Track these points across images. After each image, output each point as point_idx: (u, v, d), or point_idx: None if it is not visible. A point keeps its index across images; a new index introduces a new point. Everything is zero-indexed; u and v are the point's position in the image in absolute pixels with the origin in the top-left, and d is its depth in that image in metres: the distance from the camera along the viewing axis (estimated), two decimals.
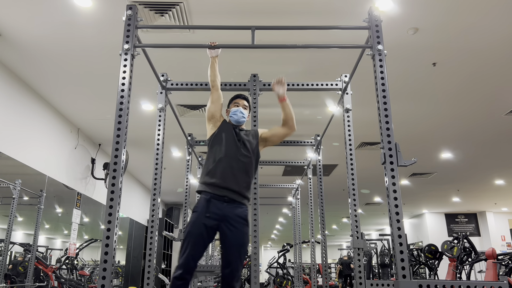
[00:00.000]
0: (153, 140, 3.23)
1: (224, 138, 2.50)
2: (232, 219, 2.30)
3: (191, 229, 2.28)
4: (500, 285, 1.78)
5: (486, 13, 3.47)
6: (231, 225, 2.29)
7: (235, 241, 2.27)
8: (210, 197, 2.33)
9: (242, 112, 2.64)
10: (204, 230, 2.27)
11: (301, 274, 7.25)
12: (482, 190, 10.43)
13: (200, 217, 2.29)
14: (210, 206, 2.31)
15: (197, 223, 2.28)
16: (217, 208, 2.31)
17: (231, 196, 2.34)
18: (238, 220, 2.31)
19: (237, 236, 2.28)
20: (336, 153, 6.84)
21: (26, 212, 5.11)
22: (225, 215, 2.29)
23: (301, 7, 3.38)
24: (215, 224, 2.29)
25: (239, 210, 2.34)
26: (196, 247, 2.25)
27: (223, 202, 2.32)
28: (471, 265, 6.67)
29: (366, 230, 19.18)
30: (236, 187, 2.36)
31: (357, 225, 2.90)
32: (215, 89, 2.63)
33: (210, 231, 2.29)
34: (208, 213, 2.29)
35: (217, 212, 2.30)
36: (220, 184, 2.35)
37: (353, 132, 3.13)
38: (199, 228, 2.27)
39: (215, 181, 2.37)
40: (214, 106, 2.62)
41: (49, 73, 4.41)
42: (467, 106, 5.27)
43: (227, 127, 2.57)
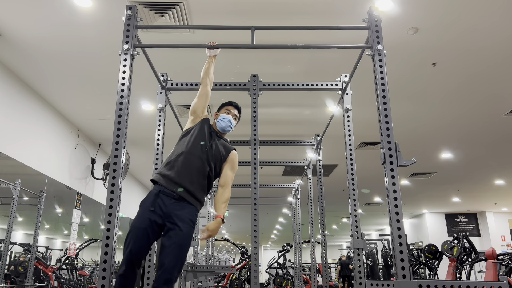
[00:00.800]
0: (153, 140, 3.23)
1: (195, 134, 2.44)
2: (178, 217, 2.17)
3: (135, 223, 2.18)
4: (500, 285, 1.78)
5: (486, 13, 3.47)
6: (175, 224, 2.15)
7: (175, 241, 2.11)
8: (159, 191, 2.24)
9: (231, 121, 2.58)
10: (149, 224, 2.16)
11: (301, 274, 7.25)
12: (482, 190, 10.44)
13: (145, 212, 2.20)
14: (157, 201, 2.21)
15: (142, 217, 2.18)
16: (164, 204, 2.20)
17: (183, 194, 2.24)
18: (184, 219, 2.18)
19: (178, 236, 2.13)
20: (336, 153, 6.84)
21: (26, 212, 5.11)
22: (170, 212, 2.18)
23: (301, 7, 3.38)
24: (160, 220, 2.17)
25: (186, 210, 2.23)
26: (139, 242, 2.13)
27: (172, 199, 2.22)
28: (471, 265, 6.67)
29: (366, 230, 19.18)
30: (190, 186, 2.27)
31: (357, 225, 2.90)
32: (203, 85, 2.59)
33: (155, 227, 2.17)
34: (153, 207, 2.19)
35: (162, 208, 2.19)
36: (174, 178, 2.27)
37: (353, 132, 3.13)
38: (143, 223, 2.16)
39: (170, 174, 2.29)
40: (198, 102, 2.58)
41: (49, 73, 4.41)
42: (467, 106, 5.27)
43: (204, 127, 2.50)
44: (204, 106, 2.60)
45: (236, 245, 10.28)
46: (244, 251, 9.40)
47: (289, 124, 5.94)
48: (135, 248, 2.12)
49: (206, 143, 2.42)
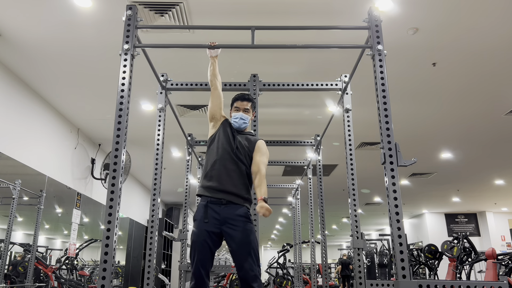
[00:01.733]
0: (153, 140, 3.23)
1: (220, 140, 2.47)
2: (232, 219, 2.26)
3: (194, 238, 2.27)
4: (500, 285, 1.78)
5: (486, 13, 3.47)
6: (233, 225, 2.25)
7: (240, 240, 2.22)
8: (207, 202, 2.31)
9: (243, 117, 2.55)
10: (207, 236, 2.24)
11: (301, 274, 7.25)
12: (482, 190, 10.44)
13: (200, 224, 2.28)
14: (208, 211, 2.29)
15: (199, 231, 2.27)
16: (215, 212, 2.28)
17: (229, 198, 2.30)
18: (238, 219, 2.27)
19: (241, 235, 2.23)
20: (336, 153, 6.84)
21: (26, 212, 5.10)
22: (224, 217, 2.26)
23: (301, 7, 3.38)
24: (217, 228, 2.26)
25: (238, 210, 2.30)
26: (202, 254, 2.23)
27: (220, 205, 2.29)
28: (471, 265, 6.67)
29: (366, 230, 19.18)
30: (234, 189, 2.33)
31: (357, 225, 2.90)
32: (214, 88, 2.60)
33: (214, 236, 2.25)
34: (207, 218, 2.27)
35: (215, 216, 2.27)
36: (217, 187, 2.33)
37: (353, 132, 3.13)
38: (201, 236, 2.25)
39: (211, 184, 2.35)
40: (213, 106, 2.60)
41: (49, 73, 4.41)
42: (467, 106, 5.28)
43: (226, 128, 2.53)
44: (220, 107, 2.61)
45: None
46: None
47: (289, 124, 5.94)
48: (199, 260, 2.23)
49: (232, 144, 2.45)
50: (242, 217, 2.29)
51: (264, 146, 2.54)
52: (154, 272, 2.96)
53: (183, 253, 4.50)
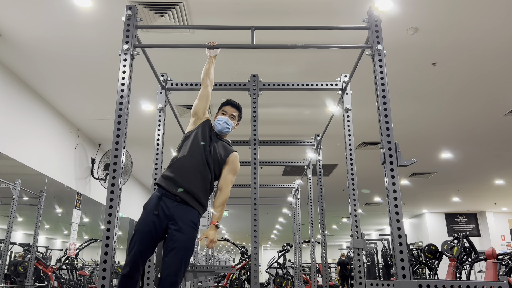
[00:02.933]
0: (153, 140, 3.23)
1: (196, 138, 2.44)
2: (181, 220, 2.19)
3: (139, 227, 2.20)
4: (500, 285, 1.78)
5: (486, 13, 3.47)
6: (179, 226, 2.17)
7: (179, 244, 2.14)
8: (162, 194, 2.26)
9: (227, 122, 2.54)
10: (153, 227, 2.18)
11: (301, 274, 7.25)
12: (482, 190, 10.44)
13: (149, 215, 2.21)
14: (160, 204, 2.23)
15: (146, 221, 2.20)
16: (167, 206, 2.22)
17: (184, 197, 2.24)
18: (187, 222, 2.20)
19: (181, 239, 2.15)
20: (336, 153, 6.84)
21: (26, 212, 5.11)
22: (173, 215, 2.20)
23: (301, 7, 3.38)
24: (164, 222, 2.19)
25: (189, 213, 2.23)
26: (143, 244, 2.16)
27: (174, 201, 2.23)
28: (471, 265, 6.67)
29: (366, 230, 19.18)
30: (193, 190, 2.27)
31: (357, 225, 2.90)
32: (204, 87, 2.59)
33: (159, 230, 2.19)
34: (157, 210, 2.21)
35: (165, 210, 2.21)
36: (177, 181, 2.27)
37: (353, 132, 3.13)
38: (147, 226, 2.18)
39: (173, 176, 2.29)
40: (199, 103, 2.57)
41: (49, 73, 4.41)
42: (467, 106, 5.27)
43: (205, 129, 2.50)
44: (205, 107, 2.59)
45: (236, 245, 10.28)
46: (244, 251, 9.39)
47: (289, 124, 5.94)
48: (139, 250, 2.15)
49: (206, 146, 2.41)
50: (191, 222, 2.22)
51: (237, 161, 2.51)
52: (154, 272, 2.96)
53: None
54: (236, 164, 2.50)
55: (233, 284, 8.22)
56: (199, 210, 2.30)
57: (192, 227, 2.22)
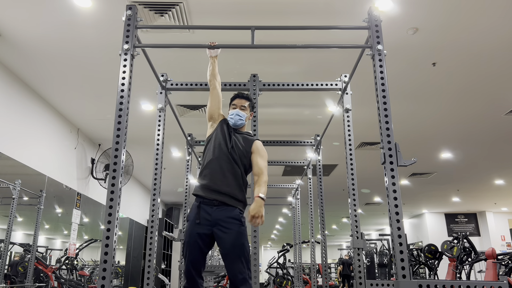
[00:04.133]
0: (153, 140, 3.23)
1: (217, 139, 2.46)
2: (224, 221, 2.23)
3: (186, 239, 2.26)
4: (500, 285, 1.78)
5: (486, 14, 3.47)
6: (224, 227, 2.21)
7: (231, 243, 2.19)
8: (200, 203, 2.29)
9: (239, 114, 2.54)
10: (198, 237, 2.23)
11: (301, 274, 7.25)
12: (482, 190, 10.44)
13: (192, 225, 2.26)
14: (200, 213, 2.26)
15: (190, 232, 2.25)
16: (207, 213, 2.25)
17: (221, 199, 2.27)
18: (229, 221, 2.23)
19: (231, 237, 2.19)
20: (336, 153, 6.84)
21: (26, 212, 5.10)
22: (215, 219, 2.23)
23: (301, 7, 3.38)
24: (208, 229, 2.23)
25: (230, 212, 2.26)
26: (193, 255, 2.22)
27: (213, 206, 2.26)
28: (471, 265, 6.67)
29: (366, 230, 19.18)
30: (227, 189, 2.30)
31: (357, 225, 2.90)
32: (213, 88, 2.61)
33: (205, 238, 2.24)
34: (198, 219, 2.25)
35: (207, 217, 2.25)
36: (210, 186, 2.30)
37: (353, 132, 3.13)
38: (193, 236, 2.23)
39: (206, 183, 2.33)
40: (212, 106, 2.60)
41: (49, 73, 4.41)
42: (467, 106, 5.27)
43: (223, 127, 2.52)
44: (219, 107, 2.61)
45: None
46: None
47: (289, 124, 5.94)
48: (190, 262, 2.23)
49: (228, 143, 2.43)
50: (234, 219, 2.25)
51: (262, 148, 2.51)
52: (154, 272, 2.96)
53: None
54: (260, 148, 2.50)
55: None
56: (239, 206, 2.32)
57: (237, 224, 2.25)
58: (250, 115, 2.64)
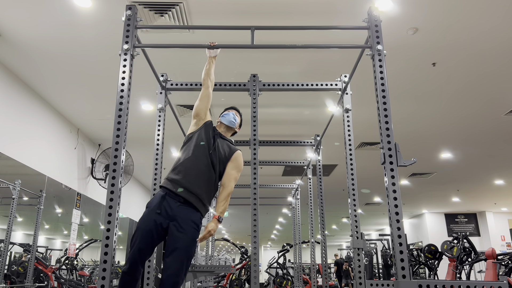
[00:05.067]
0: (153, 140, 3.23)
1: (199, 138, 2.46)
2: (183, 220, 2.20)
3: (140, 225, 2.22)
4: (500, 285, 1.78)
5: (486, 13, 3.47)
6: (180, 227, 2.18)
7: (180, 244, 2.15)
8: (166, 194, 2.28)
9: (234, 116, 2.65)
10: (154, 226, 2.19)
11: (301, 274, 7.25)
12: (482, 190, 10.44)
13: (151, 213, 2.22)
14: (163, 203, 2.24)
15: (147, 219, 2.22)
16: (170, 206, 2.23)
17: (188, 197, 2.25)
18: (188, 223, 2.21)
19: (183, 240, 2.16)
20: (336, 153, 6.84)
21: (26, 212, 5.10)
22: (175, 215, 2.21)
23: (301, 7, 3.38)
24: (166, 222, 2.20)
25: (192, 214, 2.25)
26: (143, 243, 2.17)
27: (177, 202, 2.24)
28: (470, 265, 6.67)
29: (366, 230, 19.18)
30: (197, 191, 2.29)
31: (357, 225, 2.90)
32: (205, 87, 2.62)
33: (160, 229, 2.19)
34: (159, 209, 2.22)
35: (168, 211, 2.22)
36: (182, 183, 2.29)
37: (353, 132, 3.13)
38: (149, 224, 2.19)
39: (178, 178, 2.31)
40: (200, 105, 2.60)
41: (49, 73, 4.41)
42: (467, 106, 5.27)
43: (208, 129, 2.53)
44: (207, 108, 2.62)
45: (236, 245, 10.28)
46: (244, 251, 9.39)
47: (289, 124, 5.94)
48: (139, 248, 2.16)
49: (210, 145, 2.43)
50: (193, 223, 2.23)
51: (241, 159, 2.54)
52: (154, 272, 2.96)
53: None
54: (240, 161, 2.53)
55: (233, 284, 8.22)
56: (201, 211, 2.31)
57: (194, 228, 2.23)
58: (238, 128, 2.73)
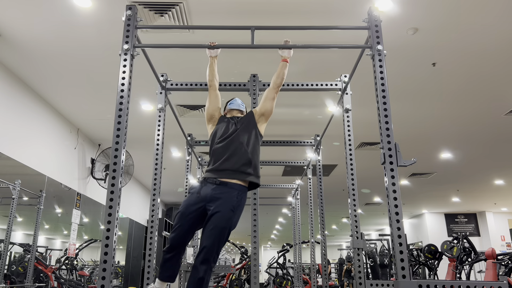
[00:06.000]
0: (153, 140, 3.23)
1: (221, 130, 2.53)
2: (218, 201, 2.29)
3: (182, 208, 2.36)
4: (499, 285, 1.78)
5: (486, 13, 3.47)
6: (216, 207, 2.27)
7: (216, 223, 2.23)
8: (204, 180, 2.41)
9: (241, 101, 2.73)
10: (194, 210, 2.32)
11: (301, 274, 7.25)
12: (482, 190, 10.43)
13: (192, 197, 2.37)
14: (202, 188, 2.37)
15: (188, 203, 2.36)
16: (207, 188, 2.35)
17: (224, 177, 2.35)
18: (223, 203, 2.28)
19: (218, 219, 2.24)
20: (336, 153, 6.84)
21: (25, 212, 5.10)
22: (212, 196, 2.31)
23: (301, 7, 3.38)
24: (203, 204, 2.32)
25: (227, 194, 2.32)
26: (184, 223, 2.31)
27: (213, 184, 2.35)
28: (470, 265, 6.67)
29: (366, 230, 19.17)
30: (235, 166, 2.37)
31: (357, 225, 2.90)
32: (213, 89, 2.65)
33: (199, 211, 2.32)
34: (199, 193, 2.35)
35: (206, 192, 2.34)
36: (218, 167, 2.39)
37: (352, 132, 3.13)
38: (189, 208, 2.33)
39: (213, 166, 2.42)
40: (212, 106, 2.64)
41: (49, 73, 4.41)
42: (466, 106, 5.27)
43: (224, 120, 2.61)
44: (219, 107, 2.68)
45: (236, 245, 10.28)
46: (244, 251, 9.39)
47: (289, 124, 5.94)
48: (180, 228, 2.31)
49: (234, 128, 2.51)
50: (228, 203, 2.30)
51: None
52: (154, 272, 2.95)
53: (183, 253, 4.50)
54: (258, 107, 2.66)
55: (233, 284, 8.21)
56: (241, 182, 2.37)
57: (230, 208, 2.29)
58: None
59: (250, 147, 2.45)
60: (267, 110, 2.62)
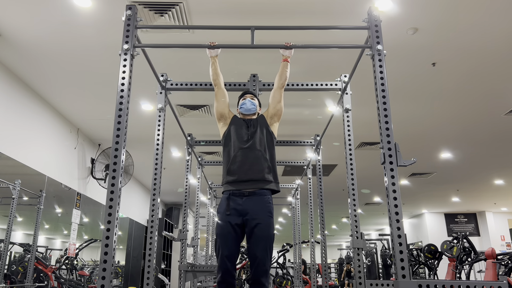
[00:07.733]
0: (153, 140, 3.23)
1: (235, 133, 2.51)
2: (255, 211, 2.28)
3: (218, 231, 2.30)
4: (499, 285, 1.78)
5: (485, 13, 3.47)
6: (254, 218, 2.27)
7: (259, 234, 2.24)
8: (229, 195, 2.35)
9: (251, 101, 2.65)
10: (231, 228, 2.28)
11: (301, 274, 7.25)
12: (482, 190, 10.44)
13: (223, 217, 2.31)
14: (229, 204, 2.32)
15: (222, 224, 2.31)
16: (237, 203, 2.32)
17: (251, 187, 2.33)
18: (260, 212, 2.29)
19: (260, 229, 2.24)
20: (336, 153, 6.84)
21: (25, 212, 5.10)
22: (246, 209, 2.29)
23: (301, 7, 3.38)
24: (239, 219, 2.29)
25: (260, 202, 2.32)
26: (227, 247, 2.26)
27: (243, 197, 2.32)
28: (470, 265, 6.67)
29: (366, 230, 19.18)
30: (259, 176, 2.37)
31: (356, 225, 2.90)
32: (218, 87, 2.65)
33: (237, 228, 2.29)
34: (229, 211, 2.30)
35: (237, 207, 2.30)
36: (242, 178, 2.36)
37: (352, 132, 3.13)
38: (225, 228, 2.28)
39: (236, 177, 2.38)
40: (220, 104, 2.64)
41: (49, 73, 4.41)
42: (466, 105, 5.28)
43: (237, 121, 2.58)
44: (228, 105, 2.66)
45: None
46: (244, 251, 9.39)
47: (289, 124, 5.94)
48: (225, 254, 2.25)
49: (248, 133, 2.49)
50: (264, 210, 2.30)
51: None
52: (154, 272, 2.95)
53: (183, 253, 4.50)
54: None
55: None
56: (270, 187, 2.39)
57: (267, 215, 2.30)
58: (259, 109, 2.73)
59: (268, 153, 2.47)
60: (278, 110, 2.63)
